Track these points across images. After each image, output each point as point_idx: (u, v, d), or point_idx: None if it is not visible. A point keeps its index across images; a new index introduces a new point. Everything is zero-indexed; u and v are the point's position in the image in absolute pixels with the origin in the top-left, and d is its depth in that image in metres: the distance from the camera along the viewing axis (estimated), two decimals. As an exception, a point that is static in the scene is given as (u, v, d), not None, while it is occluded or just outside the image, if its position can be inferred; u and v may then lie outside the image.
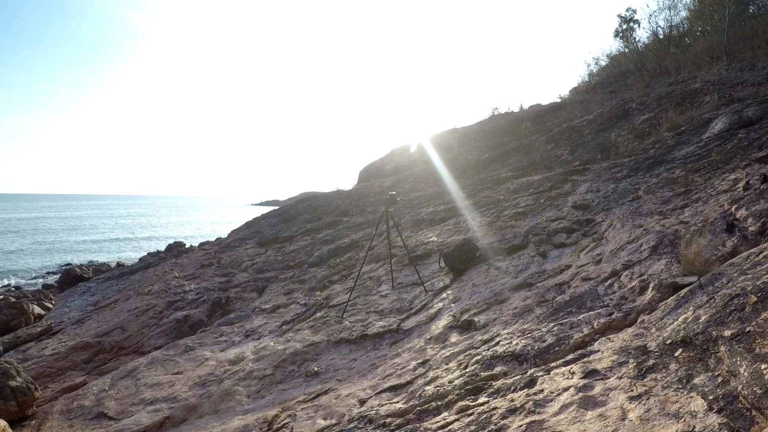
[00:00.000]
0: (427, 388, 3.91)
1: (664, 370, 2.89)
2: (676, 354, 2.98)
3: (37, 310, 11.43)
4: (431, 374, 4.24)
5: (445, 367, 4.32)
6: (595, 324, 4.05)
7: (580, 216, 8.01)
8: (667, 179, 8.02)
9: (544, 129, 17.15)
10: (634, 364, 3.07)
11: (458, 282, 6.93)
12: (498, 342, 4.43)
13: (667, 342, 3.14)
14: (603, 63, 26.98)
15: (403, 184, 17.99)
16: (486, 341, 4.61)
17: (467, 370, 3.99)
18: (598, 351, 3.44)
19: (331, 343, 6.18)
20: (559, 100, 22.80)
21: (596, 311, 4.35)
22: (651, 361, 3.03)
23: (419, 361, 4.73)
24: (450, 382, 3.84)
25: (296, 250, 13.08)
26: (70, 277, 18.75)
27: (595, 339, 3.83)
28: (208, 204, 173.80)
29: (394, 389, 4.27)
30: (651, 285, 4.46)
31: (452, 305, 6.17)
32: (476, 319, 5.37)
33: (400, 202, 15.07)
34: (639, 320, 3.88)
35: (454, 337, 5.19)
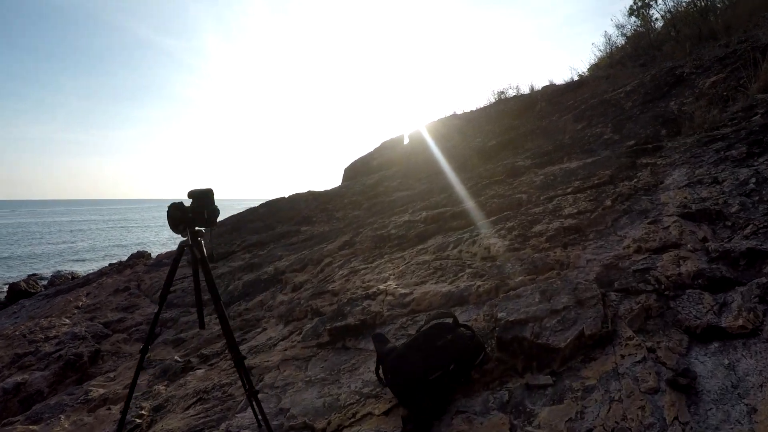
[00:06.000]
0: None
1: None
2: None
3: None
4: None
5: None
6: None
7: (714, 236, 3.63)
8: None
9: (566, 108, 13.44)
10: None
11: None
12: None
13: None
14: (620, 42, 23.25)
15: (388, 182, 14.31)
16: None
17: None
18: None
19: None
20: (576, 79, 19.23)
21: None
22: None
23: None
24: None
25: (222, 276, 9.26)
26: (15, 293, 18.34)
27: None
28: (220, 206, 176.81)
29: None
30: None
31: None
32: None
33: (374, 208, 11.32)
34: None
35: None
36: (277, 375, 3.83)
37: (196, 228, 2.76)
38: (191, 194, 2.77)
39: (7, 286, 20.86)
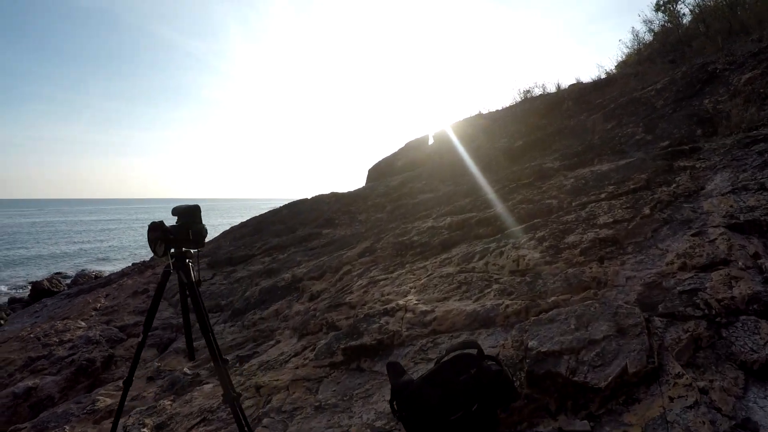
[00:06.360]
0: None
1: None
2: None
3: (-45, 337, 10.97)
4: None
5: None
6: None
7: (766, 252, 3.29)
8: None
9: (594, 107, 13.09)
10: None
11: None
12: None
13: None
14: (647, 38, 22.62)
15: (412, 183, 13.91)
16: None
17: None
18: None
19: None
20: (604, 76, 18.73)
21: None
22: None
23: None
24: None
25: (241, 280, 9.04)
26: (38, 291, 18.67)
27: None
28: (240, 207, 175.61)
29: None
30: None
31: None
32: None
33: (397, 211, 11.01)
34: None
35: None
36: (286, 397, 3.54)
37: (184, 249, 2.46)
38: (175, 211, 2.48)
39: (30, 284, 21.03)
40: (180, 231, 2.41)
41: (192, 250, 2.55)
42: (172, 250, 2.51)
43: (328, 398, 3.31)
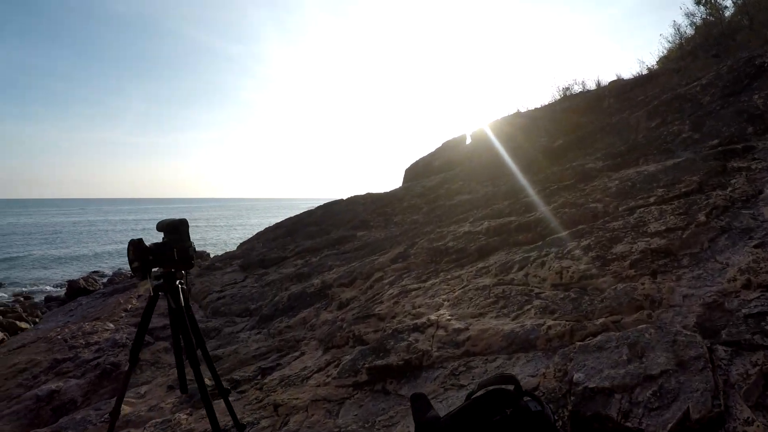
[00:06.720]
0: None
1: None
2: None
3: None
4: None
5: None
6: None
7: None
8: None
9: (636, 104, 12.51)
10: None
11: None
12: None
13: None
14: (689, 32, 21.92)
15: (449, 184, 13.63)
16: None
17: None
18: None
19: None
20: (645, 72, 18.14)
21: None
22: None
23: None
24: None
25: (272, 284, 8.82)
26: (74, 290, 18.84)
27: None
28: (277, 206, 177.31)
29: None
30: None
31: None
32: None
33: (433, 213, 10.70)
34: None
35: None
36: (304, 419, 3.27)
37: (172, 269, 2.15)
38: (160, 226, 2.18)
39: (67, 283, 21.27)
40: (163, 250, 2.11)
41: (181, 282, 2.23)
42: (155, 270, 2.21)
43: (348, 424, 3.03)
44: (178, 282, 2.23)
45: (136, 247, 2.11)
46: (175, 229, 2.13)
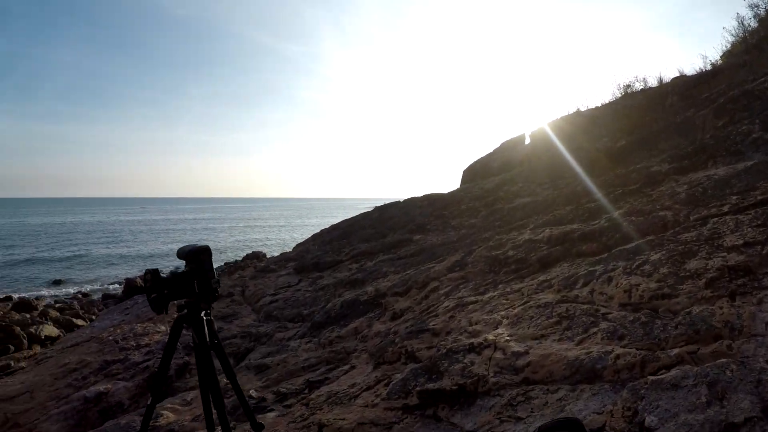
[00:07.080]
0: None
1: None
2: None
3: (48, 330, 12.07)
4: None
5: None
6: None
7: None
8: None
9: (701, 102, 11.92)
10: None
11: None
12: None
13: None
14: (753, 24, 20.93)
15: (508, 186, 13.30)
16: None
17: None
18: None
19: None
20: (709, 68, 17.38)
21: None
22: None
23: None
24: None
25: (326, 288, 8.77)
26: (130, 288, 19.47)
27: None
28: (336, 206, 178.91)
29: None
30: None
31: None
32: None
33: (492, 216, 10.42)
34: None
35: None
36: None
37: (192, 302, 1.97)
38: (181, 253, 1.98)
39: (124, 280, 21.82)
40: (182, 281, 1.94)
41: (203, 313, 2.03)
42: (178, 302, 2.04)
43: None
44: (203, 313, 2.04)
45: (151, 277, 1.95)
46: (195, 258, 1.94)
